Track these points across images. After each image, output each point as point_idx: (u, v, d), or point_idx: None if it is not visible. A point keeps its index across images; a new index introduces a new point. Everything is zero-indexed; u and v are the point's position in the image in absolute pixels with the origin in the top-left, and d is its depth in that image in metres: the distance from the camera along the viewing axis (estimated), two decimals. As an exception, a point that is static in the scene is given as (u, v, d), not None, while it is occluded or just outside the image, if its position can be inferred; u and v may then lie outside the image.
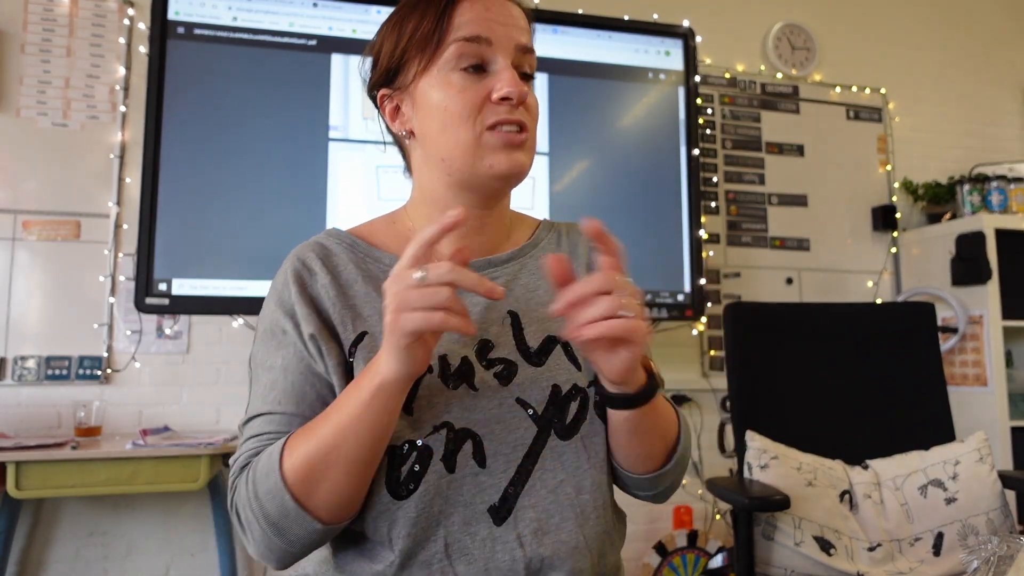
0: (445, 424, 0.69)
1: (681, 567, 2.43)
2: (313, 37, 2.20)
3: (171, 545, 2.18)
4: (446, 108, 0.70)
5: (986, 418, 2.52)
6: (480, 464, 0.69)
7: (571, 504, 0.70)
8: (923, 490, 1.47)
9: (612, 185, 2.41)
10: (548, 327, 0.76)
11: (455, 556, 0.67)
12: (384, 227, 0.81)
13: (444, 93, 0.70)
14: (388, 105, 0.77)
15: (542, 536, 0.68)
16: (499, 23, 0.71)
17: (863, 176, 2.98)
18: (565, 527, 0.69)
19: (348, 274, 0.74)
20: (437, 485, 0.67)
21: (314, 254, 0.75)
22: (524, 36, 0.73)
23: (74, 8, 2.25)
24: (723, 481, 1.52)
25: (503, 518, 0.68)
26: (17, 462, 1.74)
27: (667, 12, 2.72)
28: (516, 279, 0.78)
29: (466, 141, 0.70)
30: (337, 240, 0.77)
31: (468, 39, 0.69)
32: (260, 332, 0.75)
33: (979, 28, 3.27)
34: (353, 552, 0.71)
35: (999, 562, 0.74)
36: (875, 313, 1.88)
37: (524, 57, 0.73)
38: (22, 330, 2.12)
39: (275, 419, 0.69)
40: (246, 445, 0.69)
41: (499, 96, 0.69)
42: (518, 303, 0.77)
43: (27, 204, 2.16)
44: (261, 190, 2.11)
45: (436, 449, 0.68)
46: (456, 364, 0.71)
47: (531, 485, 0.69)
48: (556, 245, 0.83)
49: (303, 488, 0.62)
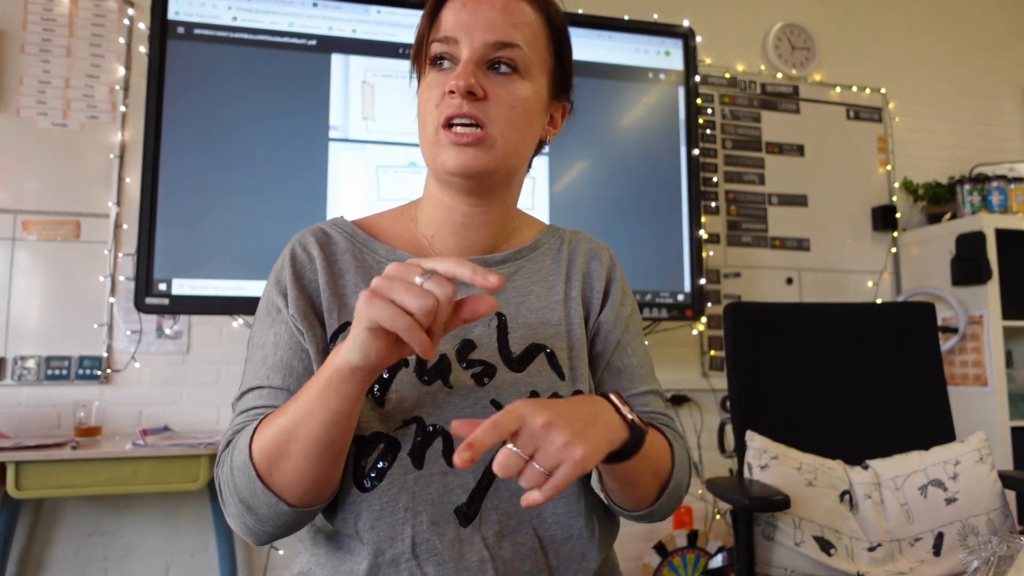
0: (416, 419, 0.68)
1: (681, 567, 2.43)
2: (313, 37, 2.20)
3: (171, 545, 2.18)
4: (421, 105, 0.74)
5: (986, 418, 2.52)
6: (449, 463, 0.69)
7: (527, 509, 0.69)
8: (923, 490, 1.47)
9: (612, 185, 2.41)
10: (534, 334, 0.75)
11: (423, 556, 0.67)
12: (391, 219, 0.82)
13: (423, 92, 0.74)
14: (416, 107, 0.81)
15: (502, 539, 0.69)
16: (467, 20, 0.71)
17: (863, 176, 2.98)
18: (521, 529, 0.70)
19: (343, 263, 0.76)
20: (403, 480, 0.67)
21: (314, 239, 0.77)
22: (498, 31, 0.70)
23: (74, 8, 2.25)
24: (723, 481, 1.51)
25: (469, 519, 0.68)
26: (17, 462, 1.74)
27: (667, 12, 2.72)
28: (508, 281, 0.78)
29: (428, 137, 0.72)
30: (339, 228, 0.79)
31: (439, 40, 0.72)
32: (258, 312, 0.77)
33: (979, 28, 3.27)
34: (331, 548, 0.71)
35: (999, 562, 0.74)
36: (875, 313, 1.88)
37: (499, 52, 0.71)
38: (22, 330, 2.12)
39: (263, 393, 0.70)
40: (235, 420, 0.70)
41: (447, 89, 0.69)
42: (508, 306, 0.76)
43: (27, 204, 2.16)
44: (261, 190, 2.11)
45: (404, 443, 0.68)
46: (433, 360, 0.71)
47: (495, 487, 0.69)
48: (556, 251, 0.83)
49: (266, 468, 0.62)
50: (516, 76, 0.72)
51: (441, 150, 0.71)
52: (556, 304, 0.78)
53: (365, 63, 2.23)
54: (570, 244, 0.84)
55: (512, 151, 0.72)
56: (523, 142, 0.74)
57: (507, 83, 0.71)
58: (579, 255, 0.83)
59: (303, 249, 0.76)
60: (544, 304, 0.78)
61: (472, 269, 0.54)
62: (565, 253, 0.83)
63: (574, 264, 0.82)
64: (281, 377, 0.70)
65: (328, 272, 0.74)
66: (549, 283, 0.79)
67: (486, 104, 0.70)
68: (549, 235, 0.84)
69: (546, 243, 0.83)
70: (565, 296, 0.79)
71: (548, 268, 0.81)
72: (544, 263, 0.81)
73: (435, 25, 0.73)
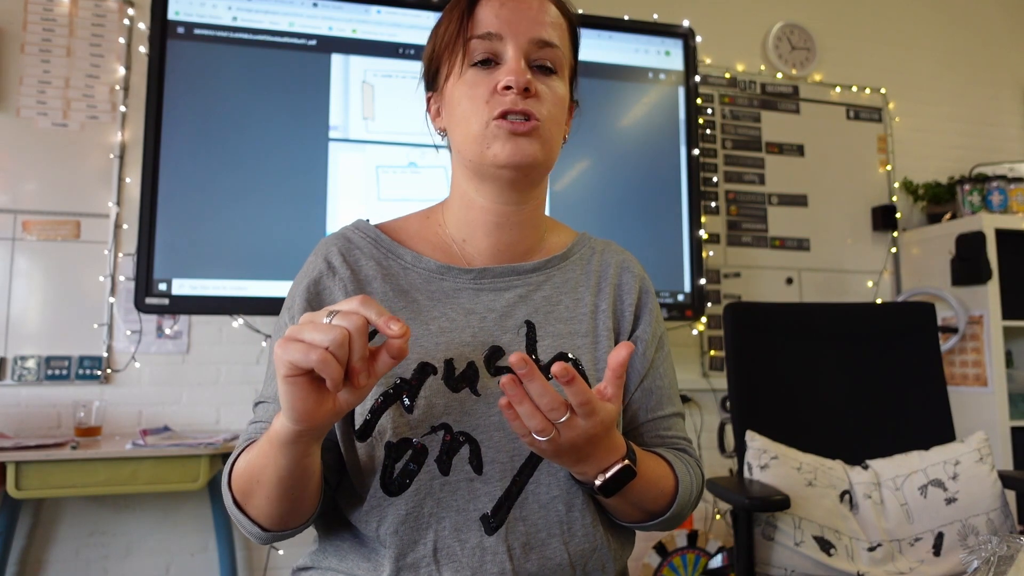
0: (443, 426, 0.69)
1: (681, 567, 2.43)
2: (313, 37, 2.19)
3: (171, 545, 2.18)
4: (461, 102, 0.73)
5: (986, 418, 2.52)
6: (476, 470, 0.69)
7: (559, 521, 0.70)
8: (923, 490, 1.47)
9: (612, 185, 2.41)
10: (562, 343, 0.75)
11: (443, 561, 0.67)
12: (417, 223, 0.82)
13: (462, 89, 0.73)
14: (432, 107, 0.81)
15: (529, 551, 0.68)
16: (511, 18, 0.72)
17: (863, 176, 2.98)
18: (551, 543, 0.69)
19: (368, 270, 0.75)
20: (429, 486, 0.67)
21: (336, 249, 0.76)
22: (541, 30, 0.73)
23: (74, 8, 2.25)
24: (723, 481, 1.51)
25: (495, 528, 0.68)
26: (17, 462, 1.74)
27: (667, 12, 2.72)
28: (538, 289, 0.77)
29: (475, 131, 0.71)
30: (362, 234, 0.78)
31: (480, 36, 0.72)
32: (281, 311, 0.77)
33: (979, 28, 3.27)
34: (349, 547, 0.72)
35: (999, 562, 0.74)
36: (875, 313, 1.88)
37: (541, 51, 0.73)
38: (22, 330, 2.12)
39: (270, 408, 0.72)
40: (247, 429, 0.73)
41: (502, 85, 0.70)
42: (536, 314, 0.76)
43: (27, 204, 2.16)
44: (261, 190, 2.11)
45: (432, 449, 0.68)
46: (462, 368, 0.71)
47: (524, 498, 0.69)
48: (587, 262, 0.82)
49: (241, 497, 0.66)
50: (554, 75, 0.75)
51: (494, 142, 0.71)
52: (584, 316, 0.78)
53: (365, 63, 2.23)
54: (601, 255, 0.84)
55: (555, 146, 0.75)
56: (560, 138, 0.77)
57: (549, 81, 0.74)
58: (610, 267, 0.83)
59: (327, 264, 0.75)
60: (572, 315, 0.78)
61: (377, 311, 0.54)
62: (595, 264, 0.82)
63: (605, 276, 0.82)
64: None
65: (355, 280, 0.74)
66: (578, 294, 0.79)
67: (536, 101, 0.71)
68: (580, 245, 0.84)
69: (577, 253, 0.83)
70: (594, 308, 0.79)
71: (578, 278, 0.80)
72: (574, 273, 0.81)
73: (470, 23, 0.72)
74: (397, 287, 0.74)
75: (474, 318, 0.74)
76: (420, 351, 0.70)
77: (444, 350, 0.71)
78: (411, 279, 0.75)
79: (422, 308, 0.73)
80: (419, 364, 0.70)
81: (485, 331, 0.73)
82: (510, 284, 0.76)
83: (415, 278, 0.75)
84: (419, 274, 0.76)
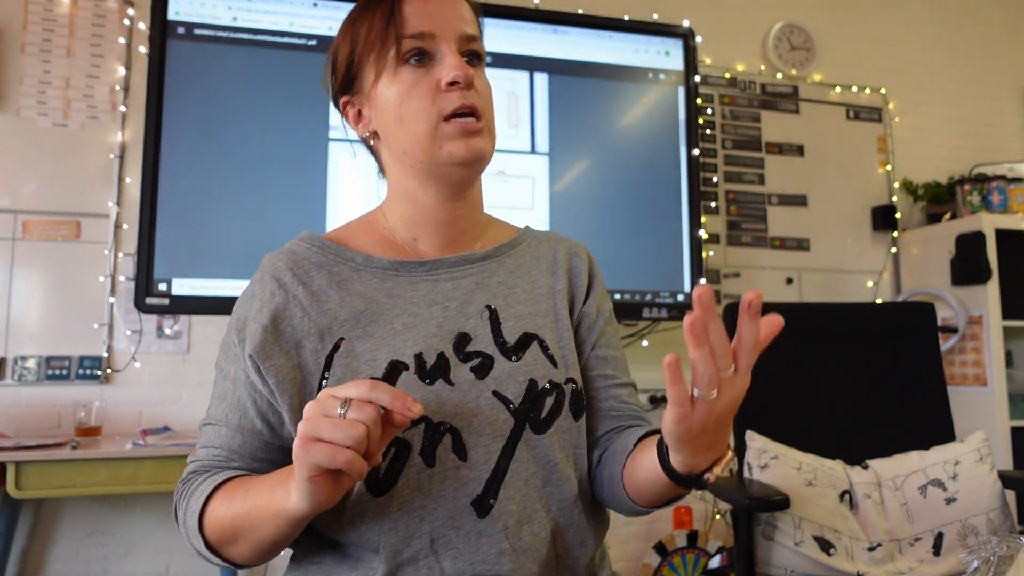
0: (423, 419, 0.69)
1: (681, 567, 2.43)
2: (313, 37, 2.20)
3: (171, 545, 2.18)
4: (400, 104, 0.72)
5: (986, 418, 2.52)
6: (461, 457, 0.69)
7: (539, 495, 0.71)
8: (923, 490, 1.47)
9: (612, 185, 2.41)
10: (525, 324, 0.77)
11: (441, 551, 0.67)
12: (360, 229, 0.81)
13: (397, 90, 0.72)
14: (351, 111, 0.80)
15: (520, 527, 0.69)
16: (439, 15, 0.73)
17: (863, 176, 2.98)
18: (536, 518, 0.71)
19: (320, 280, 0.74)
20: (417, 480, 0.68)
21: (284, 264, 0.74)
22: (468, 26, 0.75)
23: (74, 8, 2.25)
24: (723, 481, 1.51)
25: (486, 510, 0.68)
26: (17, 462, 1.74)
27: (667, 12, 2.72)
28: (493, 275, 0.79)
29: (424, 133, 0.71)
30: (308, 244, 0.77)
31: (412, 36, 0.72)
32: (225, 332, 0.76)
33: (979, 28, 3.27)
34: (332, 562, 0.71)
35: (999, 562, 0.74)
36: (875, 313, 1.88)
37: (469, 44, 0.74)
38: (22, 330, 2.12)
39: (222, 432, 0.71)
40: (198, 453, 0.72)
41: (447, 81, 0.70)
42: (495, 298, 0.77)
43: (27, 204, 2.16)
44: (261, 190, 2.11)
45: (414, 444, 0.68)
46: (432, 360, 0.71)
47: (509, 477, 0.70)
48: (535, 248, 0.84)
49: (217, 543, 0.66)
50: (482, 66, 0.77)
51: (446, 142, 0.71)
52: (542, 296, 0.80)
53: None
54: (549, 243, 0.86)
55: (495, 137, 0.77)
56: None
57: (480, 74, 0.76)
58: (559, 252, 0.85)
59: (276, 281, 0.73)
60: (530, 296, 0.79)
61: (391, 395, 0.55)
62: (544, 251, 0.84)
63: (556, 261, 0.84)
64: (238, 417, 0.71)
65: (308, 294, 0.72)
66: (532, 277, 0.81)
67: (476, 94, 0.73)
68: (527, 235, 0.86)
69: (525, 241, 0.84)
70: (551, 289, 0.81)
71: (529, 263, 0.82)
72: (524, 259, 0.82)
73: (397, 23, 0.72)
74: (353, 291, 0.73)
75: (436, 308, 0.74)
76: (388, 350, 0.70)
77: (412, 345, 0.71)
78: (366, 280, 0.75)
79: (383, 307, 0.73)
80: (389, 363, 0.69)
81: (449, 319, 0.74)
82: (466, 272, 0.77)
83: (370, 278, 0.75)
84: (373, 274, 0.75)
